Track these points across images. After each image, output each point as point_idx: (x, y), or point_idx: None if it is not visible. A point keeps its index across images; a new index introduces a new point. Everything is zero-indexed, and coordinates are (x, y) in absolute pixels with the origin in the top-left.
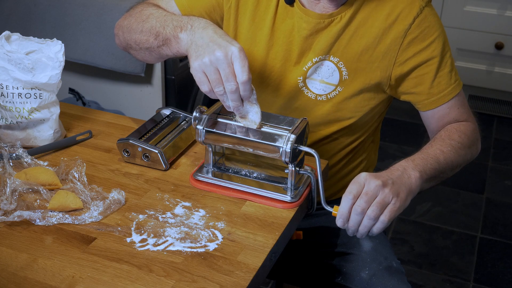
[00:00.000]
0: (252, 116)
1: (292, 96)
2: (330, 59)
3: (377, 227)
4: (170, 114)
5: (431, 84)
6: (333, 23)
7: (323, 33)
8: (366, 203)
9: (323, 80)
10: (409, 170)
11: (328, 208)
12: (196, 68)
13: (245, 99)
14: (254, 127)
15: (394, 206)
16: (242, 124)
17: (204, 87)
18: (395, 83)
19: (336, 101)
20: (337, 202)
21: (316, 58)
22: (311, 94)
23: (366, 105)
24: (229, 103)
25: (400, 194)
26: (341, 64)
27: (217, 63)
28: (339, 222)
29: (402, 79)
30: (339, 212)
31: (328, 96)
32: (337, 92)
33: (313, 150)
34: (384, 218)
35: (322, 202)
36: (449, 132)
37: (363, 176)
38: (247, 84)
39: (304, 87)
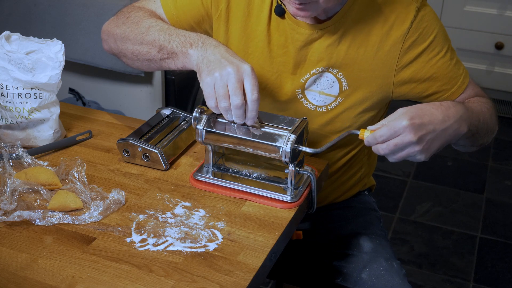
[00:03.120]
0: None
1: (291, 107)
2: (330, 70)
3: (392, 161)
4: (170, 114)
5: (442, 80)
6: (327, 33)
7: (317, 44)
8: (390, 152)
9: (322, 92)
10: (462, 120)
11: (354, 131)
12: (208, 83)
13: (250, 120)
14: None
15: (415, 159)
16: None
17: (211, 102)
18: (403, 88)
19: (336, 112)
20: (337, 206)
21: (314, 70)
22: (310, 105)
23: (367, 114)
24: (234, 120)
25: (430, 149)
26: (341, 75)
27: (228, 78)
28: (366, 143)
29: (410, 83)
30: (366, 141)
31: (328, 108)
32: (337, 103)
33: (312, 150)
34: (402, 159)
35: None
36: (475, 99)
37: (404, 124)
38: (255, 103)
39: (303, 99)
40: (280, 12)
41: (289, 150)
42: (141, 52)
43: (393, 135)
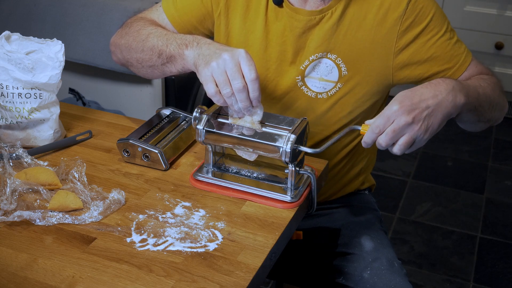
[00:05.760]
0: (248, 130)
1: (292, 96)
2: (328, 56)
3: (401, 152)
4: (170, 114)
5: (443, 59)
6: (325, 18)
7: (316, 30)
8: (391, 140)
9: (322, 78)
10: (456, 91)
11: (356, 126)
12: (206, 73)
13: (254, 100)
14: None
15: (419, 143)
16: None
17: (210, 89)
18: (403, 71)
19: (337, 98)
20: (337, 205)
21: (313, 56)
22: (311, 92)
23: (368, 100)
24: (239, 105)
25: (431, 127)
26: (340, 61)
27: (224, 64)
28: (363, 145)
29: (410, 66)
30: (363, 141)
31: (329, 94)
32: (337, 89)
33: (313, 150)
34: (409, 151)
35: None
36: (476, 77)
37: (394, 109)
38: (255, 82)
39: (304, 86)
40: (278, 1)
41: (289, 150)
42: (144, 59)
43: (388, 123)
